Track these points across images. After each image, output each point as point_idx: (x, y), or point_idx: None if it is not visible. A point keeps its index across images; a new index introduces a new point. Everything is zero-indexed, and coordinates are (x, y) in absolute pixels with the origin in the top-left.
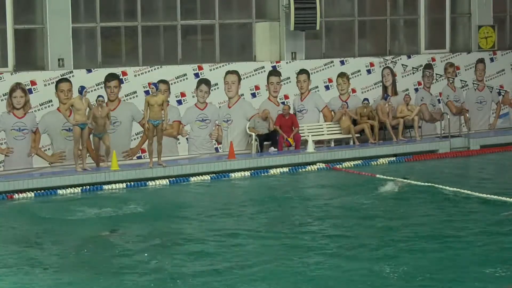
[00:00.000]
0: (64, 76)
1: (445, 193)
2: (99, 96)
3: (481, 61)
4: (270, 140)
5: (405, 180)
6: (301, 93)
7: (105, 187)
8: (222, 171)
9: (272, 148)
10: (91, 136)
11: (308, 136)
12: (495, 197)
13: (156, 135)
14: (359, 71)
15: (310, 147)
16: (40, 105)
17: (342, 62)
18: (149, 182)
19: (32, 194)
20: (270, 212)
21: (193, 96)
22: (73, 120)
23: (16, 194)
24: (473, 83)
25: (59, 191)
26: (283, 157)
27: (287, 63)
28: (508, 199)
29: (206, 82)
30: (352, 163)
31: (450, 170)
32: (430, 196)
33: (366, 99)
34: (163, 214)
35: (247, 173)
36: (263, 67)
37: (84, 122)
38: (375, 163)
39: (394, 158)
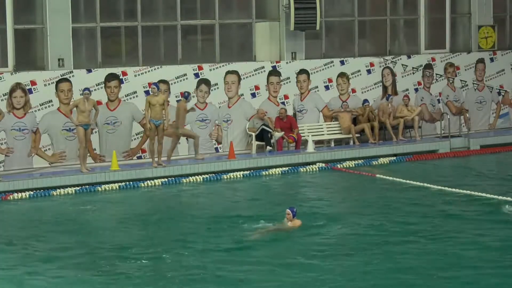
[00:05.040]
0: (64, 76)
1: (445, 193)
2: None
3: (481, 61)
4: (263, 140)
5: None
6: (301, 93)
7: (105, 186)
8: (222, 171)
9: (269, 148)
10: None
11: (308, 136)
12: (495, 196)
13: (157, 135)
14: (359, 71)
15: (310, 147)
16: (40, 105)
17: (342, 62)
18: (149, 181)
19: (32, 193)
20: (271, 212)
21: (193, 96)
22: (76, 120)
23: (16, 194)
24: (473, 83)
25: (59, 191)
26: (283, 157)
27: (287, 63)
28: (508, 199)
29: (206, 82)
30: (352, 162)
31: (449, 170)
32: (430, 196)
33: (366, 100)
34: (164, 215)
35: (247, 173)
36: (263, 67)
37: (87, 123)
38: (376, 162)
39: (394, 158)
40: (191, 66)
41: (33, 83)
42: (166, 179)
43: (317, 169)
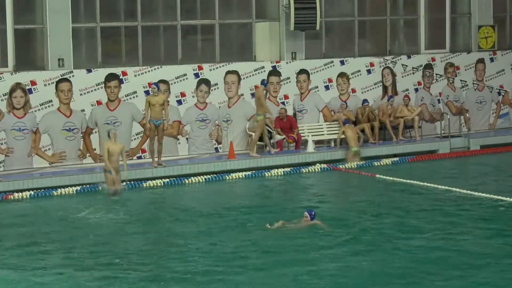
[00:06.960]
0: (64, 76)
1: (446, 193)
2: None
3: (481, 61)
4: (264, 140)
5: None
6: (301, 93)
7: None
8: (222, 171)
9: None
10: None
11: (308, 136)
12: (495, 196)
13: (157, 135)
14: (359, 71)
15: (310, 147)
16: (40, 105)
17: (342, 62)
18: (149, 182)
19: (32, 193)
20: (271, 212)
21: (193, 96)
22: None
23: (16, 194)
24: (473, 83)
25: (59, 191)
26: (283, 157)
27: (287, 63)
28: (508, 198)
29: (206, 82)
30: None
31: (450, 170)
32: (431, 196)
33: (365, 100)
34: (165, 215)
35: (248, 173)
36: (263, 67)
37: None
38: (378, 163)
39: (397, 159)
40: (191, 66)
41: (33, 83)
42: (166, 179)
43: (320, 169)
